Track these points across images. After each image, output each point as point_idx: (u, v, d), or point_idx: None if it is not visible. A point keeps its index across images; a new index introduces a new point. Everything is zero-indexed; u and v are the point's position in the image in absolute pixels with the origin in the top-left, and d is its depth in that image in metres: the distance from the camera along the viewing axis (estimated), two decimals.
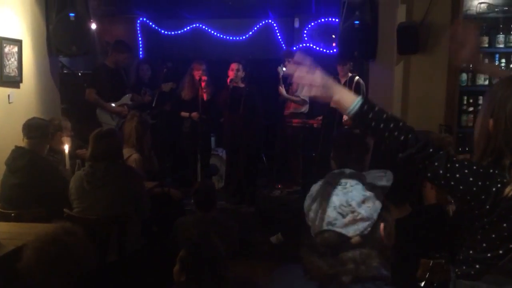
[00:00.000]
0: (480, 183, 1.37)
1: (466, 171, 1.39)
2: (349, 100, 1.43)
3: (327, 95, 1.45)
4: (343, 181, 1.18)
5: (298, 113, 5.80)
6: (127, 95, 5.26)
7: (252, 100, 5.36)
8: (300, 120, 5.68)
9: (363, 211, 1.14)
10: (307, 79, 1.46)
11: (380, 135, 1.42)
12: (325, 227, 1.14)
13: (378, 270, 1.13)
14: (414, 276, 1.98)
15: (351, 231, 1.13)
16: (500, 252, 1.40)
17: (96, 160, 3.07)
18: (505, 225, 1.37)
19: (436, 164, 1.39)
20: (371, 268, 1.12)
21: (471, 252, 1.46)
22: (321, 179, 1.26)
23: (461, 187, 1.38)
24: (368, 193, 1.15)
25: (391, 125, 1.40)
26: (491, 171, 1.39)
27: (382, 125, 1.40)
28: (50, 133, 3.45)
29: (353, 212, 1.13)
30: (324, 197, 1.17)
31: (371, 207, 1.15)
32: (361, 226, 1.13)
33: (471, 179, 1.37)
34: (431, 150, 1.41)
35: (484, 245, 1.42)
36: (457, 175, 1.38)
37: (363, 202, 1.14)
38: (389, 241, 1.18)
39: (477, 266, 1.44)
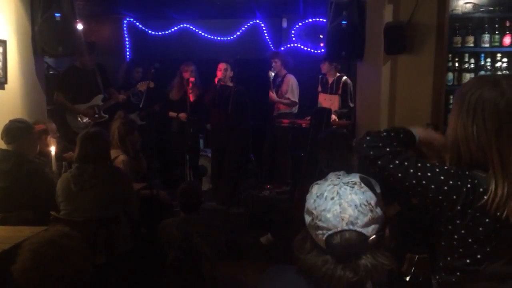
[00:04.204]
0: (451, 182, 1.36)
1: (437, 170, 1.38)
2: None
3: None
4: (356, 180, 1.17)
5: (287, 113, 5.81)
6: (98, 96, 5.21)
7: (241, 99, 5.35)
8: (289, 121, 5.69)
9: (379, 210, 1.14)
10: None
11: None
12: (345, 226, 1.12)
13: (391, 272, 1.13)
14: (399, 271, 1.99)
15: (370, 230, 1.12)
16: (478, 256, 1.38)
17: (83, 162, 3.04)
18: (481, 229, 1.36)
19: (406, 163, 1.38)
20: (384, 272, 1.12)
21: (449, 258, 1.44)
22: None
23: (432, 186, 1.36)
24: (379, 196, 1.16)
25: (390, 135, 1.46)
26: (460, 172, 1.38)
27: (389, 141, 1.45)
28: (31, 134, 3.36)
29: (371, 211, 1.13)
30: (342, 196, 1.14)
31: (381, 208, 1.15)
32: (378, 226, 1.14)
33: (442, 177, 1.36)
34: (399, 148, 1.41)
35: (461, 250, 1.40)
36: (428, 174, 1.37)
37: (378, 203, 1.15)
38: (391, 243, 1.18)
39: (458, 273, 1.43)
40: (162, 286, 3.17)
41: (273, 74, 5.70)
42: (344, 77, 5.52)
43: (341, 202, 1.13)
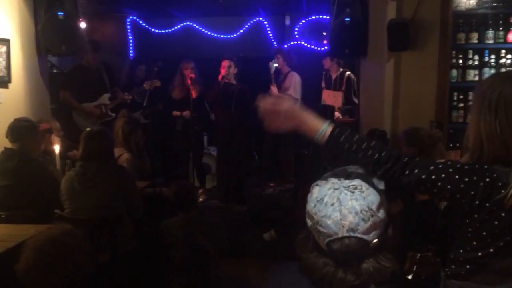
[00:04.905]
0: (466, 179, 1.36)
1: (450, 170, 1.38)
2: (316, 126, 1.39)
3: (292, 125, 1.39)
4: (357, 184, 1.15)
5: None
6: (105, 95, 5.19)
7: (244, 98, 5.35)
8: None
9: (381, 214, 1.12)
10: (272, 110, 1.39)
11: (354, 157, 1.36)
12: (345, 233, 1.10)
13: (394, 272, 1.13)
14: (401, 270, 1.99)
15: (371, 236, 1.11)
16: (491, 250, 1.39)
17: (87, 160, 3.05)
18: (496, 222, 1.37)
19: (416, 171, 1.37)
20: (387, 274, 1.12)
21: (461, 251, 1.46)
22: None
23: (449, 187, 1.37)
24: (382, 195, 1.15)
25: (364, 145, 1.36)
26: (477, 166, 1.39)
27: (355, 147, 1.36)
28: (36, 133, 3.35)
29: (373, 216, 1.11)
30: (342, 202, 1.12)
31: (384, 210, 1.14)
32: (380, 230, 1.12)
33: (457, 176, 1.37)
34: (406, 159, 1.39)
35: (475, 243, 1.41)
36: (443, 175, 1.37)
37: (380, 205, 1.13)
38: (396, 242, 1.18)
39: (468, 266, 1.44)
40: (166, 285, 3.17)
41: (274, 65, 5.66)
42: (348, 72, 5.52)
43: (341, 209, 1.11)
